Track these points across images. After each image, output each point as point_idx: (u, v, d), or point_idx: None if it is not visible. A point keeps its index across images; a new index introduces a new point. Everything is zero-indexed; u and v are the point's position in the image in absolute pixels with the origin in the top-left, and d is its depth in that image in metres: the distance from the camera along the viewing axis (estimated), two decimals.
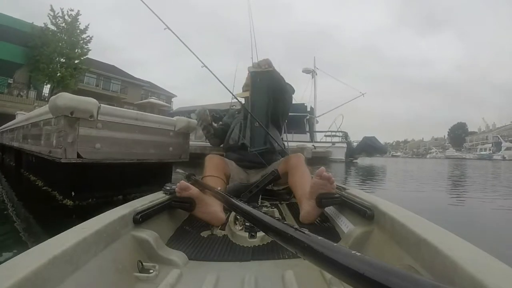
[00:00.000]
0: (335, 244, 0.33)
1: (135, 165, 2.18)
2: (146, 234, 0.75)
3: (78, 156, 1.80)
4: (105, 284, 0.57)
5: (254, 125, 1.39)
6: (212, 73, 1.59)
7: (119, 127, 2.03)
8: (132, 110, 2.29)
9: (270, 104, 1.38)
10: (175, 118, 2.60)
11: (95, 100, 1.86)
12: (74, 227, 0.60)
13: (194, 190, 0.99)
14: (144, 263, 0.67)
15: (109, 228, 0.65)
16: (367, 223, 0.79)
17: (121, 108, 2.29)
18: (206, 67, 1.57)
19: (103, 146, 1.91)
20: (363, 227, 0.79)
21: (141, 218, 0.78)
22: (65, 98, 1.75)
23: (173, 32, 1.57)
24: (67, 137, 1.76)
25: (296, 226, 0.41)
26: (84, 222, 0.64)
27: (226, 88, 1.65)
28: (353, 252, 0.30)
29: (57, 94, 1.80)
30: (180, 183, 0.99)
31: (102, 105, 1.91)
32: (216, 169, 1.33)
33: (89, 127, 1.84)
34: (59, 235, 0.55)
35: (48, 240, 0.53)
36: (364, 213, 0.79)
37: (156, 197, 0.95)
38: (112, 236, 0.66)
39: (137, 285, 0.63)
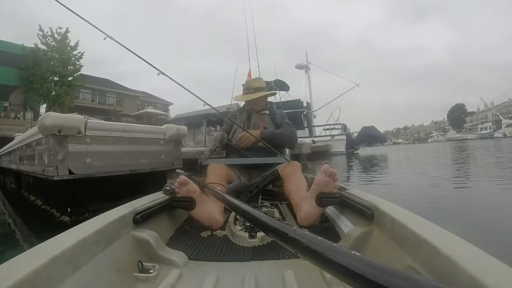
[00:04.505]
0: (335, 244, 0.33)
1: (128, 176, 2.17)
2: (146, 234, 0.75)
3: (70, 172, 1.80)
4: (105, 284, 0.57)
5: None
6: (172, 79, 1.32)
7: (108, 140, 2.02)
8: (119, 123, 2.29)
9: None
10: (164, 126, 2.58)
11: (81, 116, 1.86)
12: (74, 227, 0.59)
13: (193, 186, 0.98)
14: (144, 263, 0.67)
15: (109, 228, 0.65)
16: (367, 223, 0.79)
17: (108, 122, 2.29)
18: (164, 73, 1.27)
19: (93, 160, 1.90)
20: (363, 227, 0.78)
21: (141, 218, 0.78)
22: (52, 117, 1.75)
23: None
24: (57, 155, 1.76)
25: (296, 226, 0.41)
26: (84, 222, 0.63)
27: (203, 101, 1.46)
28: (353, 252, 0.30)
29: (44, 114, 1.79)
30: (180, 178, 0.98)
31: (88, 120, 1.91)
32: (219, 177, 1.31)
33: (78, 143, 1.84)
34: (59, 235, 0.55)
35: (48, 240, 0.52)
36: (364, 213, 0.79)
37: (156, 197, 0.94)
38: (112, 236, 0.66)
39: (137, 285, 0.63)
